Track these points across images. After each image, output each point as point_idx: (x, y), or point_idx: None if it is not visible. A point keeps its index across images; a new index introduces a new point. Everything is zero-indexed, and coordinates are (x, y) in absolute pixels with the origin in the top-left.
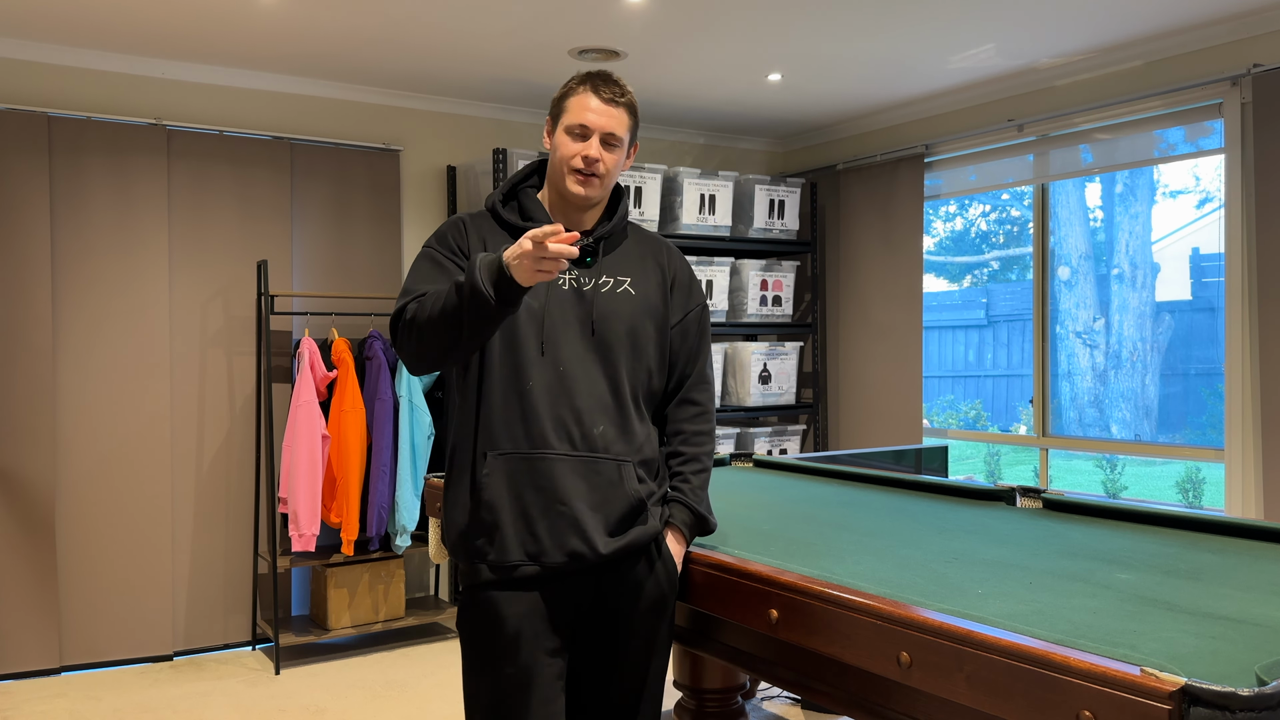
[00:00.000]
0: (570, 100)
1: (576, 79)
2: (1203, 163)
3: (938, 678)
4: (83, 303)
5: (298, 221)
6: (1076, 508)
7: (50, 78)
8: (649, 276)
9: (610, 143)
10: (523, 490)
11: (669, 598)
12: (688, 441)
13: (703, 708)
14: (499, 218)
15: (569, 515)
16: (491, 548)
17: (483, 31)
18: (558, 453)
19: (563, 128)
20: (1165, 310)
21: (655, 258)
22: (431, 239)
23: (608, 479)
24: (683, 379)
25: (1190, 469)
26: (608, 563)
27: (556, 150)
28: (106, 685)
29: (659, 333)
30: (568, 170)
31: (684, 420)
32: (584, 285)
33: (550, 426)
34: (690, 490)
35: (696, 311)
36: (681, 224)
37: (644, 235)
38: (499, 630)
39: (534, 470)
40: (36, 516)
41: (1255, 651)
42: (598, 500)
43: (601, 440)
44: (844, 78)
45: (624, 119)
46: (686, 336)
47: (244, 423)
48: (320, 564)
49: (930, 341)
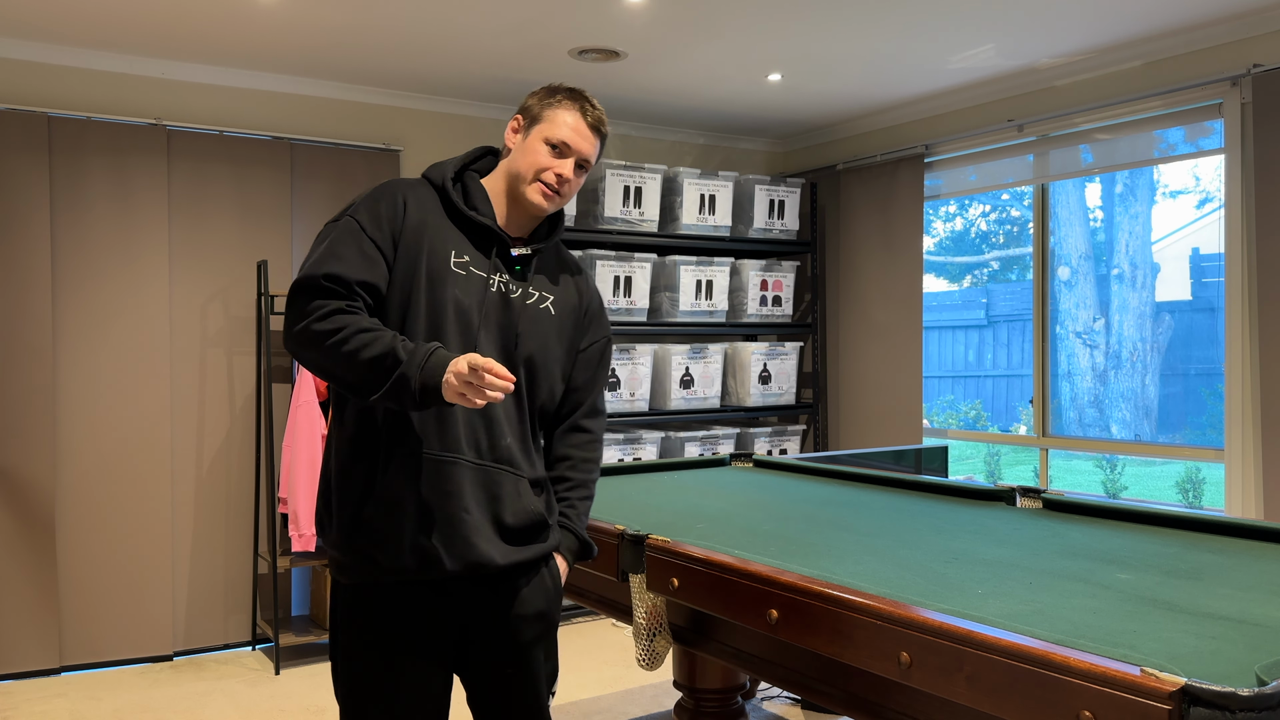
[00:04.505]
0: (556, 112)
1: (562, 91)
2: (1203, 163)
3: (938, 678)
4: (83, 303)
5: (298, 221)
6: (1076, 508)
7: (50, 78)
8: (568, 299)
9: (582, 166)
10: (426, 493)
11: (556, 612)
12: (575, 468)
13: (702, 708)
14: (446, 198)
15: (471, 523)
16: (384, 549)
17: (483, 31)
18: (466, 459)
19: (540, 136)
20: (1165, 310)
21: (576, 283)
22: (360, 208)
23: (510, 491)
24: (576, 406)
25: (1190, 469)
26: (503, 574)
27: (526, 155)
28: (106, 685)
29: (566, 355)
30: (535, 179)
31: (574, 446)
32: (512, 293)
33: (463, 432)
34: (576, 517)
35: (601, 344)
36: (681, 224)
37: (567, 257)
38: (379, 634)
39: (440, 474)
40: (36, 516)
41: (1255, 651)
42: (499, 511)
43: (507, 452)
44: (844, 78)
45: (598, 146)
46: (589, 365)
47: (244, 423)
48: (320, 564)
49: (930, 341)
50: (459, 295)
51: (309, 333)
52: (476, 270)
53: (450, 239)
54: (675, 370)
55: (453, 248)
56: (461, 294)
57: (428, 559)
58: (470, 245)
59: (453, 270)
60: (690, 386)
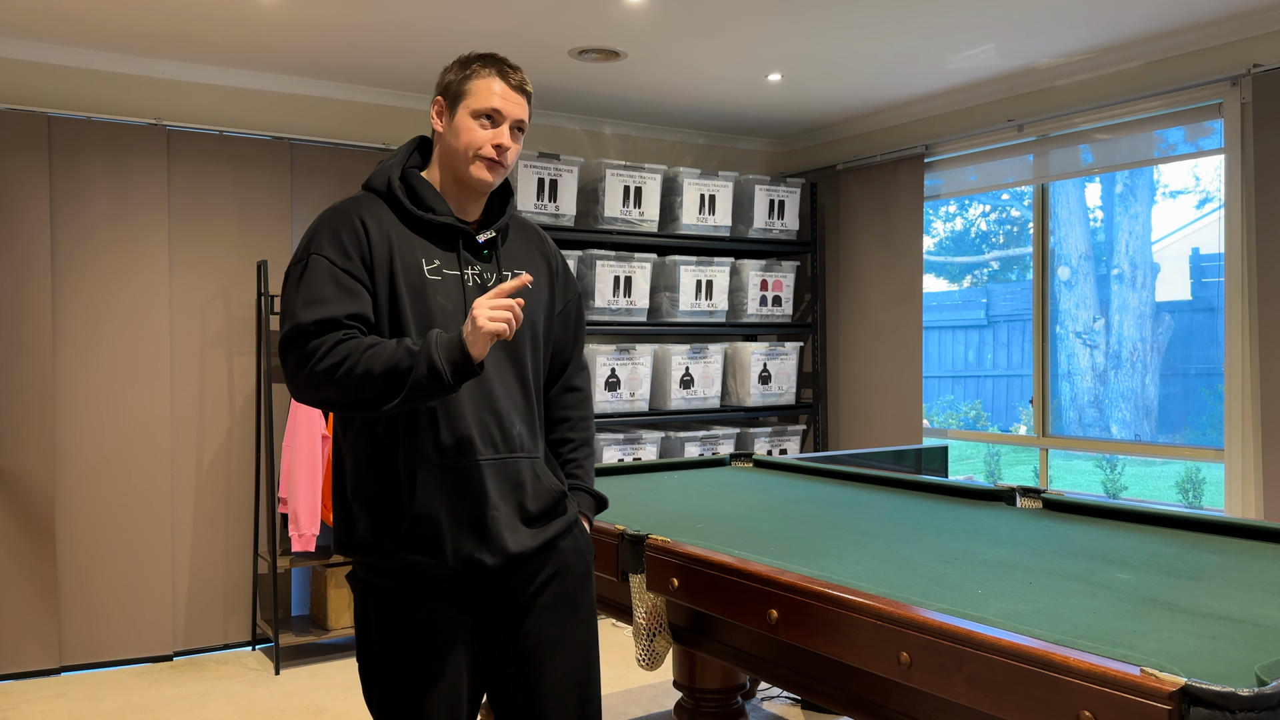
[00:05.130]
0: (475, 83)
1: (475, 60)
2: (1203, 163)
3: (938, 678)
4: (83, 303)
5: (298, 221)
6: (1076, 508)
7: (50, 78)
8: (538, 268)
9: (518, 129)
10: (455, 502)
11: (590, 572)
12: (574, 428)
13: (702, 708)
14: (396, 204)
15: (500, 519)
16: (427, 561)
17: (483, 31)
18: (484, 457)
19: (467, 111)
20: (1165, 310)
21: (539, 248)
22: (323, 243)
23: (529, 477)
24: (564, 366)
25: (1190, 469)
26: (535, 554)
27: (460, 135)
28: (106, 685)
29: (547, 324)
30: (475, 157)
31: (569, 407)
32: (488, 281)
33: (475, 431)
34: (585, 475)
35: (575, 300)
36: (681, 224)
37: (523, 223)
38: (419, 624)
39: (465, 479)
40: (36, 516)
41: (1255, 651)
42: (522, 499)
43: (518, 439)
44: (844, 78)
45: (527, 107)
46: (568, 325)
47: (244, 423)
48: (320, 564)
49: (930, 341)
50: (442, 302)
51: (315, 376)
52: (450, 271)
53: (416, 247)
54: (675, 370)
55: (421, 256)
56: (444, 300)
57: (470, 562)
58: (436, 249)
59: (429, 279)
60: (690, 386)
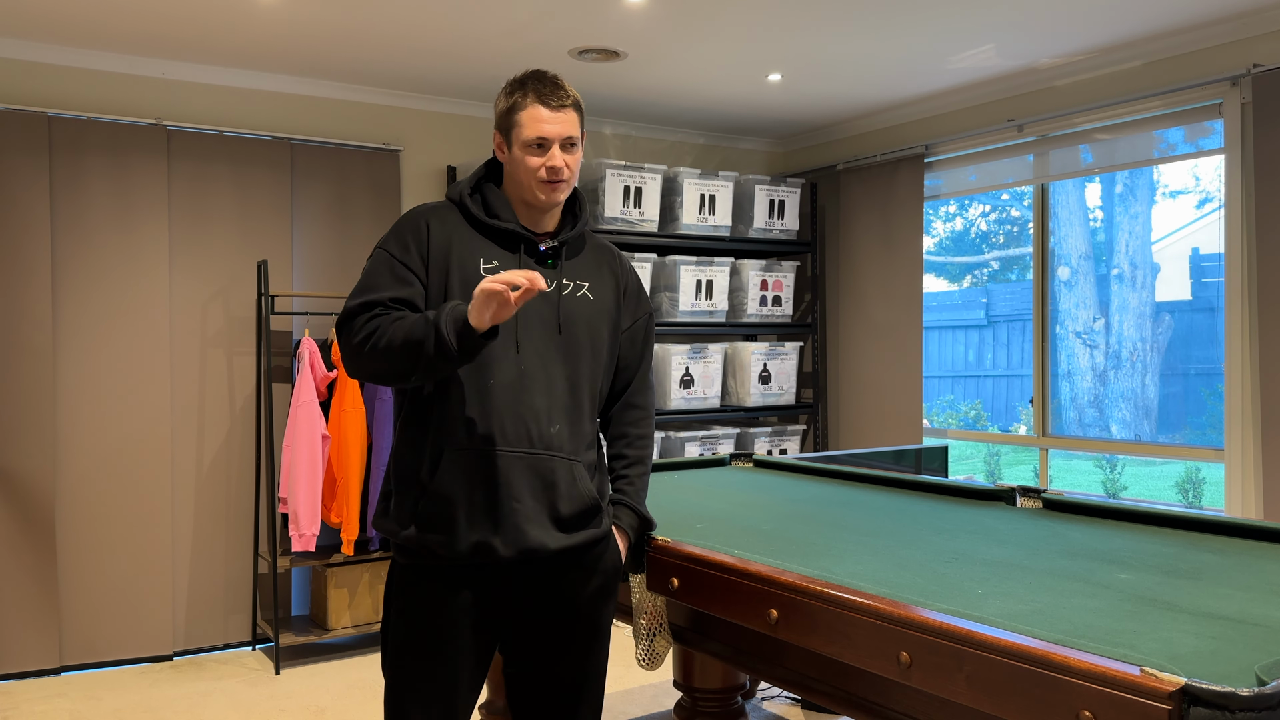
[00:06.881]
0: (520, 115)
1: (517, 89)
2: (1203, 163)
3: (938, 678)
4: (83, 303)
5: (298, 221)
6: (1076, 508)
7: (50, 78)
8: (604, 282)
9: (569, 146)
10: (476, 487)
11: (613, 591)
12: (631, 445)
13: (702, 708)
14: (467, 211)
15: (523, 512)
16: (441, 542)
17: (483, 31)
18: (514, 450)
19: (519, 144)
20: (1165, 310)
21: (609, 265)
22: (389, 238)
23: (564, 477)
24: (627, 383)
25: (1190, 469)
26: (557, 558)
27: (519, 166)
28: (106, 685)
29: (611, 337)
30: (535, 183)
31: (628, 424)
32: (549, 286)
33: (510, 423)
34: (634, 493)
35: (644, 319)
36: (681, 224)
37: (598, 243)
38: (436, 618)
39: (489, 467)
40: (36, 516)
41: (1255, 651)
42: (554, 499)
43: (557, 439)
44: (844, 78)
45: (575, 119)
46: (635, 342)
47: (244, 423)
48: (320, 564)
49: (930, 341)
50: None
51: (352, 348)
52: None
53: (477, 248)
54: (675, 370)
55: (480, 255)
56: None
57: (482, 549)
58: (499, 250)
59: (483, 275)
60: (690, 386)
